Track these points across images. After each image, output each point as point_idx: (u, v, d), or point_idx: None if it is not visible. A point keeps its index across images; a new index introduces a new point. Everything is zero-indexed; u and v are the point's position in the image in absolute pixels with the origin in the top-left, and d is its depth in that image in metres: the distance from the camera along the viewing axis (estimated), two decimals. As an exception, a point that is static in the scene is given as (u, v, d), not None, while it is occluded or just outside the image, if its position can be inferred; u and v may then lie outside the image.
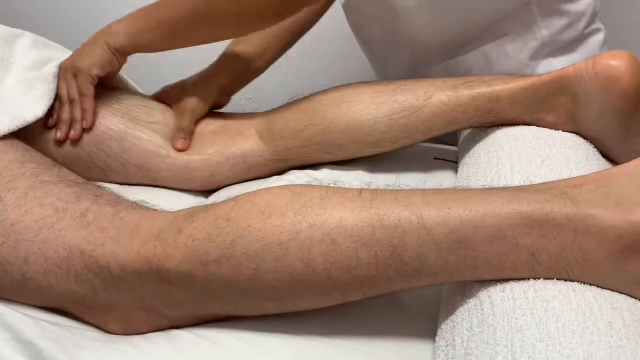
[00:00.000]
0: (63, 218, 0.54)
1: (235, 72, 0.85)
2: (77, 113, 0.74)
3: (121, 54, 0.75)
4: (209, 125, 0.80)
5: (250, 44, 0.86)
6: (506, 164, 0.62)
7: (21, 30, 0.80)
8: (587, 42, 0.84)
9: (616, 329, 0.38)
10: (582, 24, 0.83)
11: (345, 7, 0.92)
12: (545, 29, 0.81)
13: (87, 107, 0.74)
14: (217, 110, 0.85)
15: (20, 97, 0.71)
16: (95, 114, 0.75)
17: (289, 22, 0.87)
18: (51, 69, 0.75)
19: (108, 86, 0.81)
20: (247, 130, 0.79)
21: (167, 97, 0.83)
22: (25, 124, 0.68)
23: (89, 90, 0.74)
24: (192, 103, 0.79)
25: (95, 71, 0.74)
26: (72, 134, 0.74)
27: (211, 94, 0.82)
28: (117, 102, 0.78)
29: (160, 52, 0.78)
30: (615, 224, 0.41)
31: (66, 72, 0.75)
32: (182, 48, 0.76)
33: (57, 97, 0.75)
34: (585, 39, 0.84)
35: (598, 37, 0.85)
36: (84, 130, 0.75)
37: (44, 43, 0.81)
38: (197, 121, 0.80)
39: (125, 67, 0.79)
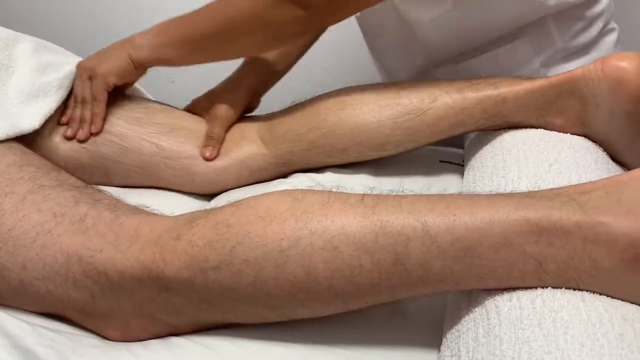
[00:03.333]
0: (61, 223, 0.53)
1: (261, 74, 0.85)
2: (87, 114, 0.74)
3: (142, 66, 0.75)
4: None
5: None
6: (513, 168, 0.61)
7: (21, 34, 0.79)
8: (601, 43, 0.82)
9: (627, 342, 0.37)
10: (597, 27, 0.81)
11: (359, 18, 0.91)
12: (559, 35, 0.79)
13: (98, 111, 0.74)
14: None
15: (21, 105, 0.70)
16: (104, 120, 0.75)
17: None
18: (55, 80, 0.75)
19: (121, 93, 0.81)
20: (249, 134, 0.78)
21: (198, 107, 0.82)
22: (22, 133, 0.67)
23: (103, 95, 0.74)
24: (222, 110, 0.79)
25: (112, 79, 0.74)
26: (80, 133, 0.74)
27: (241, 99, 0.81)
28: (120, 104, 0.77)
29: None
30: (626, 231, 0.40)
31: (83, 73, 0.75)
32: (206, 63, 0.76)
33: (72, 95, 0.76)
34: (599, 40, 0.82)
35: (612, 37, 0.83)
36: (92, 134, 0.75)
37: (45, 46, 0.81)
38: (228, 128, 0.79)
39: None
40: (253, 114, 0.86)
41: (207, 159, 0.76)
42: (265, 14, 0.68)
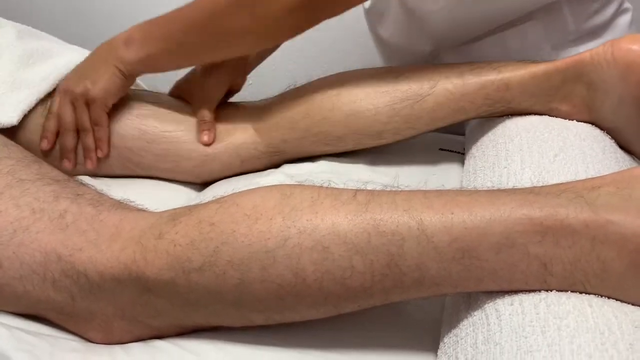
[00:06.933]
0: (40, 219, 0.50)
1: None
2: (90, 142, 0.70)
3: (133, 78, 0.71)
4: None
5: None
6: (516, 157, 0.58)
7: (4, 20, 0.76)
8: (615, 24, 0.78)
9: (639, 352, 0.34)
10: (612, 8, 0.76)
11: (367, 12, 0.87)
12: (572, 16, 0.75)
13: (102, 136, 0.70)
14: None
15: (2, 97, 0.67)
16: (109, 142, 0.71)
17: None
18: (40, 72, 0.71)
19: None
20: (241, 121, 0.74)
21: (181, 91, 0.79)
22: (1, 127, 0.65)
23: (105, 120, 0.70)
24: (206, 92, 0.75)
25: (111, 101, 0.69)
26: (89, 164, 0.71)
27: (223, 78, 0.77)
28: None
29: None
30: (637, 231, 0.37)
31: (77, 100, 0.69)
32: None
33: (58, 121, 0.70)
34: (613, 21, 0.78)
35: (625, 18, 0.79)
36: (99, 160, 0.71)
37: (29, 33, 0.78)
38: (216, 109, 0.75)
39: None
40: (246, 100, 0.82)
41: (206, 144, 0.73)
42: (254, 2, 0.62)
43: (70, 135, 0.70)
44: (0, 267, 0.49)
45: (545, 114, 0.65)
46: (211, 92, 0.75)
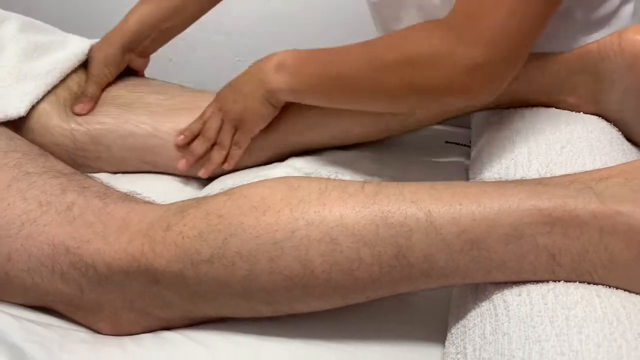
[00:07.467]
0: (47, 212, 0.51)
1: (141, 31, 0.76)
2: (219, 158, 0.70)
3: (280, 104, 0.68)
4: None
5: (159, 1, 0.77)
6: (523, 149, 0.58)
7: (6, 12, 0.76)
8: (619, 15, 0.77)
9: (647, 342, 0.34)
10: None
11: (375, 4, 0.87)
12: (579, 6, 0.74)
13: (235, 155, 0.71)
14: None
15: (8, 89, 0.68)
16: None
17: None
18: (46, 65, 0.72)
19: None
20: None
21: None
22: (7, 119, 0.65)
23: (246, 144, 0.70)
24: (94, 68, 0.74)
25: (258, 129, 0.70)
26: (203, 172, 0.71)
27: (115, 57, 0.75)
28: (111, 89, 0.74)
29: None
30: None
31: (228, 120, 0.69)
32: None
33: (200, 127, 0.71)
34: (618, 11, 0.77)
35: (629, 7, 0.78)
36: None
37: (32, 25, 0.78)
38: (107, 86, 0.75)
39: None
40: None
41: (77, 114, 0.71)
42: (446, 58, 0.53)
43: (206, 145, 0.70)
44: (9, 259, 0.50)
45: (551, 106, 0.65)
46: (99, 69, 0.74)
